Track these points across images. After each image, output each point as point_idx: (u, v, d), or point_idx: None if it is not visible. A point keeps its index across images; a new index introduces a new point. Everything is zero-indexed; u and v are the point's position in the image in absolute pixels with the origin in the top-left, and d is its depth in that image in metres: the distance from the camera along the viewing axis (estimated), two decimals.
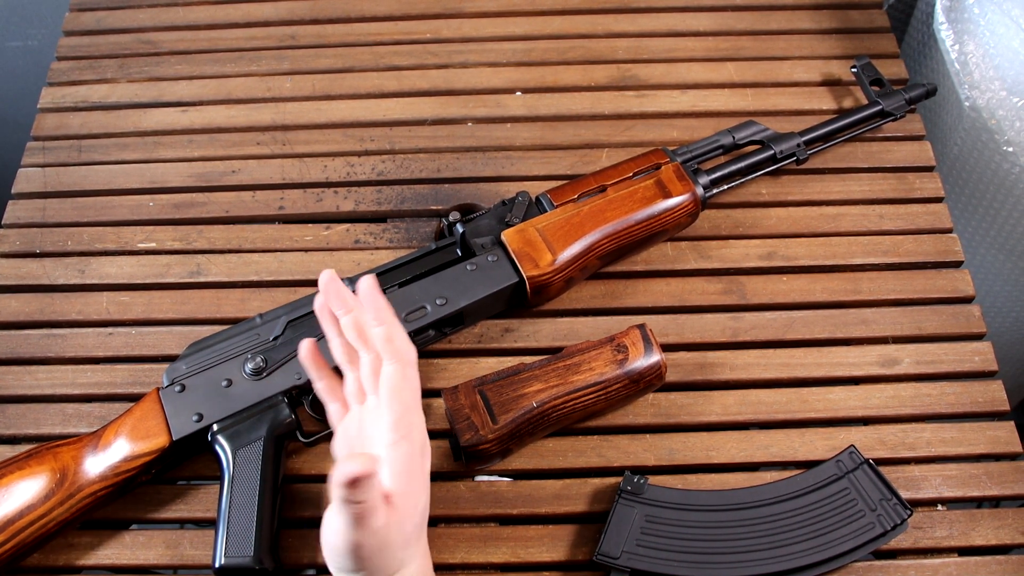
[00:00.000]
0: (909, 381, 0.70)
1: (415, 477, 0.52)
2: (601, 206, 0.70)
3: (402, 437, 0.51)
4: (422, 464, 0.53)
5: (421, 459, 0.53)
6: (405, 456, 0.51)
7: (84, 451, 0.62)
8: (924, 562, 0.62)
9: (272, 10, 0.93)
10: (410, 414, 0.52)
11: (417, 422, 0.53)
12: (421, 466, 0.53)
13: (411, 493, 0.51)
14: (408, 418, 0.52)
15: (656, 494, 0.63)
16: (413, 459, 0.51)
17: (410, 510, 0.51)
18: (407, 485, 0.51)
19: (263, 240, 0.78)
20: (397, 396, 0.52)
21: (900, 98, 0.79)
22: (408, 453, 0.51)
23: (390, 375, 0.52)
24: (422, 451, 0.53)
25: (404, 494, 0.50)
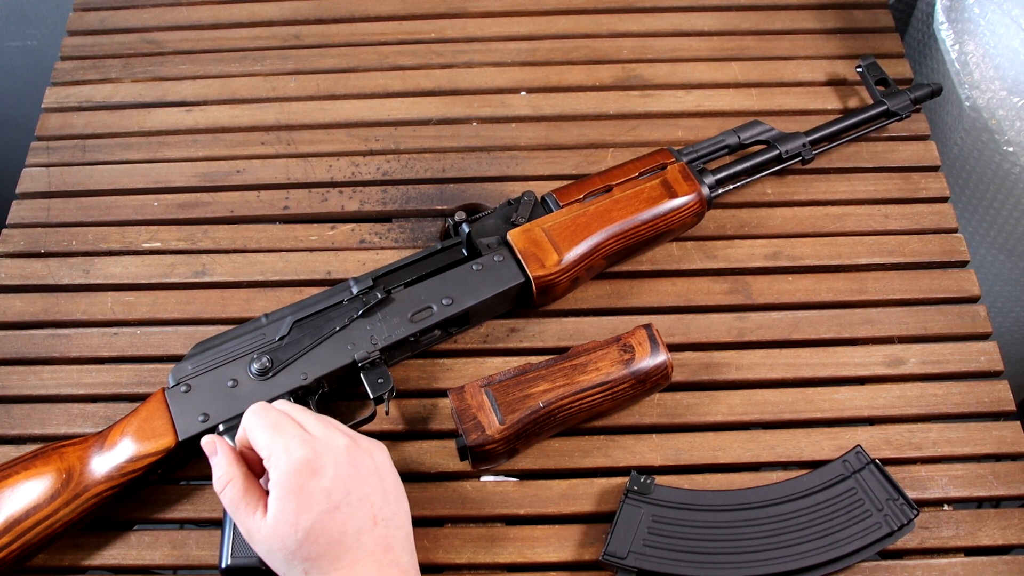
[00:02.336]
0: (915, 381, 0.70)
1: (300, 494, 0.52)
2: (607, 206, 0.70)
3: (273, 455, 0.53)
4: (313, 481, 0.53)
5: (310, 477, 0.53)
6: (282, 469, 0.53)
7: (90, 451, 0.61)
8: (931, 562, 0.62)
9: (276, 10, 0.93)
10: (277, 434, 0.54)
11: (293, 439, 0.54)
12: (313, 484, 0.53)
13: (288, 511, 0.52)
14: (274, 439, 0.54)
15: (663, 494, 0.63)
16: (295, 474, 0.53)
17: (285, 528, 0.52)
18: (283, 501, 0.52)
19: (268, 240, 0.78)
20: (250, 428, 0.55)
21: (905, 98, 0.79)
22: (286, 466, 0.53)
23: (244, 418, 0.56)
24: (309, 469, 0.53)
25: (279, 509, 0.52)
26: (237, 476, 0.55)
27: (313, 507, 0.52)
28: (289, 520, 0.52)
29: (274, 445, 0.54)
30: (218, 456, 0.57)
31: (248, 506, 0.54)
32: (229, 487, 0.55)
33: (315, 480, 0.52)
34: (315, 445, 0.54)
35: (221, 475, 0.56)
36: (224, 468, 0.56)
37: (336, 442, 0.55)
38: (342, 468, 0.53)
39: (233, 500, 0.55)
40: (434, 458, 0.67)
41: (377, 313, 0.66)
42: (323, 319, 0.66)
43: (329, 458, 0.53)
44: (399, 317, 0.66)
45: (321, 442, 0.54)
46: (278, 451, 0.53)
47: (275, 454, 0.53)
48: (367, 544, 0.53)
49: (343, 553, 0.52)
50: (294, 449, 0.53)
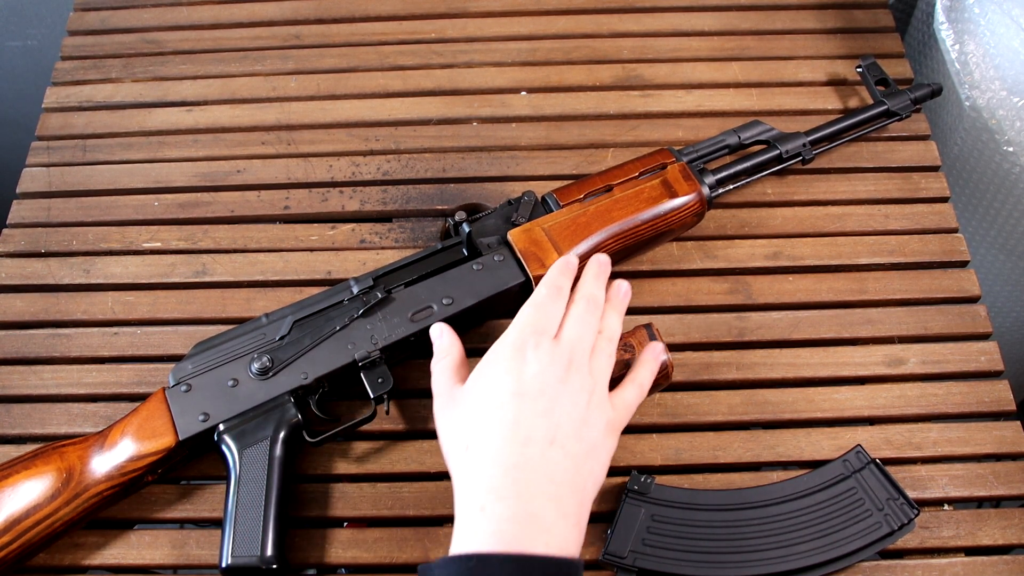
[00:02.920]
0: (915, 381, 0.70)
1: (493, 366, 0.54)
2: (607, 206, 0.70)
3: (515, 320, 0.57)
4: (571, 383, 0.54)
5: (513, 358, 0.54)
6: (501, 339, 0.56)
7: (90, 451, 0.61)
8: (931, 562, 0.62)
9: (276, 10, 0.93)
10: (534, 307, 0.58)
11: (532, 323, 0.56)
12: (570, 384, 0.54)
13: (477, 377, 0.54)
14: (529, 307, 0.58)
15: (663, 494, 0.63)
16: (505, 346, 0.55)
17: (466, 396, 0.54)
18: (479, 367, 0.54)
19: (268, 240, 0.78)
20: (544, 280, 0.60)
21: (905, 98, 0.79)
22: (503, 338, 0.56)
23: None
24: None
25: (473, 375, 0.55)
26: (454, 352, 0.58)
27: (501, 379, 0.52)
28: (478, 385, 0.53)
29: (523, 312, 0.56)
30: (440, 339, 0.60)
31: (453, 376, 0.56)
32: (445, 360, 0.57)
33: (519, 361, 0.53)
34: (540, 340, 0.54)
35: (439, 352, 0.58)
36: (444, 346, 0.59)
37: (570, 353, 0.54)
38: (549, 372, 0.53)
39: (442, 370, 0.57)
40: (434, 458, 0.67)
41: (377, 313, 0.66)
42: (323, 319, 0.66)
43: (544, 356, 0.54)
44: (399, 317, 0.66)
45: (550, 343, 0.54)
46: (519, 319, 0.56)
47: (518, 321, 0.56)
48: (532, 455, 0.50)
49: (504, 447, 0.50)
50: (521, 329, 0.55)
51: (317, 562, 0.64)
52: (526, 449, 0.50)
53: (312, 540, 0.64)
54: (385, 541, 0.64)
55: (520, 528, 0.48)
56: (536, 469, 0.50)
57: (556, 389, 0.53)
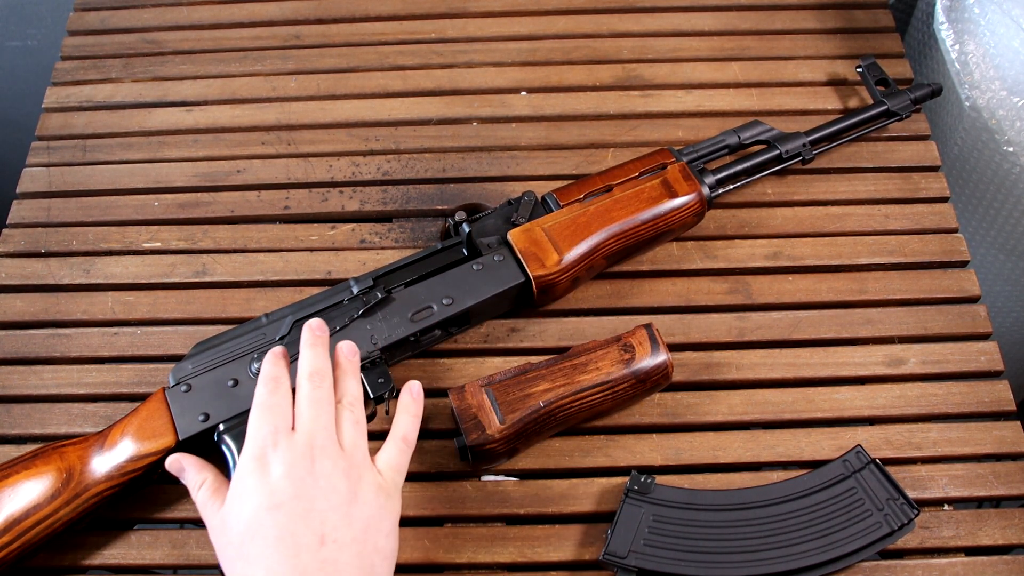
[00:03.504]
0: (915, 381, 0.70)
1: (245, 480, 0.52)
2: (607, 206, 0.70)
3: (248, 432, 0.54)
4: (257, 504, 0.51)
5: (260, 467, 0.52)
6: (243, 452, 0.53)
7: (90, 451, 0.61)
8: (931, 562, 0.62)
9: (276, 10, 0.93)
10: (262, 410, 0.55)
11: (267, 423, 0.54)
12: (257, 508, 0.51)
13: (233, 497, 0.52)
14: (257, 413, 0.55)
15: (663, 494, 0.63)
16: (249, 459, 0.53)
17: (230, 517, 0.52)
18: (232, 487, 0.52)
19: (268, 240, 0.78)
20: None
21: (905, 98, 0.79)
22: (245, 450, 0.53)
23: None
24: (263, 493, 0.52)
25: (228, 496, 0.52)
26: (208, 477, 0.56)
27: (252, 498, 0.51)
28: (233, 509, 0.51)
29: (251, 420, 0.54)
30: (185, 469, 0.57)
31: (215, 503, 0.54)
32: (203, 488, 0.55)
33: (262, 474, 0.51)
34: (276, 441, 0.52)
35: (192, 482, 0.56)
36: (194, 474, 0.56)
37: (303, 443, 0.52)
38: (296, 471, 0.51)
39: (203, 500, 0.54)
40: (434, 458, 0.67)
41: (377, 313, 0.66)
42: (323, 319, 0.66)
43: (284, 456, 0.52)
44: (399, 317, 0.66)
45: (289, 438, 0.53)
46: (250, 431, 0.54)
47: (248, 433, 0.54)
48: (307, 563, 0.48)
49: (277, 565, 0.48)
50: (254, 442, 0.53)
51: None
52: (299, 559, 0.49)
53: None
54: None
55: None
56: (314, 573, 0.48)
57: (308, 484, 0.51)
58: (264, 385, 0.56)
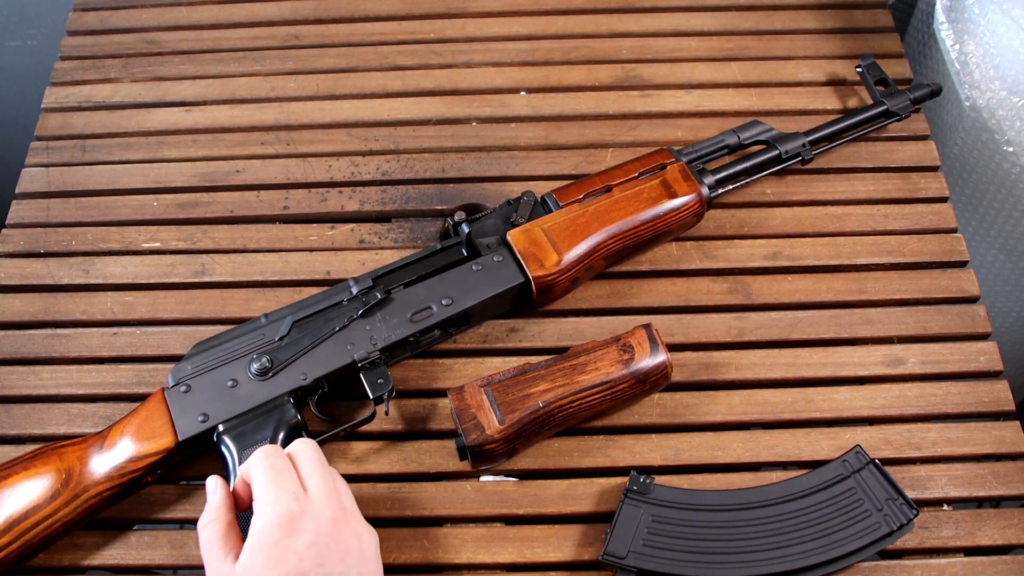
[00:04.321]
0: (914, 381, 0.70)
1: (272, 549, 0.51)
2: (607, 206, 0.70)
3: (262, 501, 0.53)
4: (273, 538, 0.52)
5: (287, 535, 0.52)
6: (264, 518, 0.52)
7: (89, 451, 0.61)
8: (930, 562, 0.62)
9: (276, 10, 0.93)
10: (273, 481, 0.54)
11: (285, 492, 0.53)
12: (273, 541, 0.52)
13: (257, 562, 0.51)
14: (269, 485, 0.54)
15: (662, 494, 0.63)
16: (275, 527, 0.52)
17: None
18: (255, 550, 0.52)
19: (268, 240, 0.78)
20: (253, 467, 0.55)
21: (905, 98, 0.79)
22: (268, 516, 0.52)
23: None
24: (279, 526, 0.52)
25: (249, 558, 0.52)
26: (221, 518, 0.55)
27: (281, 566, 0.50)
28: (255, 572, 0.51)
29: (266, 492, 0.53)
30: (214, 495, 0.57)
31: (222, 549, 0.53)
32: (211, 526, 0.55)
33: (291, 539, 0.51)
34: (304, 505, 0.53)
35: (208, 512, 0.56)
36: (214, 507, 0.56)
37: (327, 510, 0.53)
38: (323, 537, 0.52)
39: (209, 539, 0.54)
40: (433, 458, 0.67)
41: (377, 313, 0.66)
42: (323, 319, 0.66)
43: (312, 523, 0.52)
44: (399, 317, 0.66)
45: (312, 505, 0.53)
46: (268, 499, 0.53)
47: (264, 501, 0.53)
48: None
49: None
50: (282, 502, 0.52)
51: None
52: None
53: None
54: (385, 541, 0.64)
55: None
56: None
57: (332, 552, 0.52)
58: (264, 453, 0.56)
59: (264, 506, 0.53)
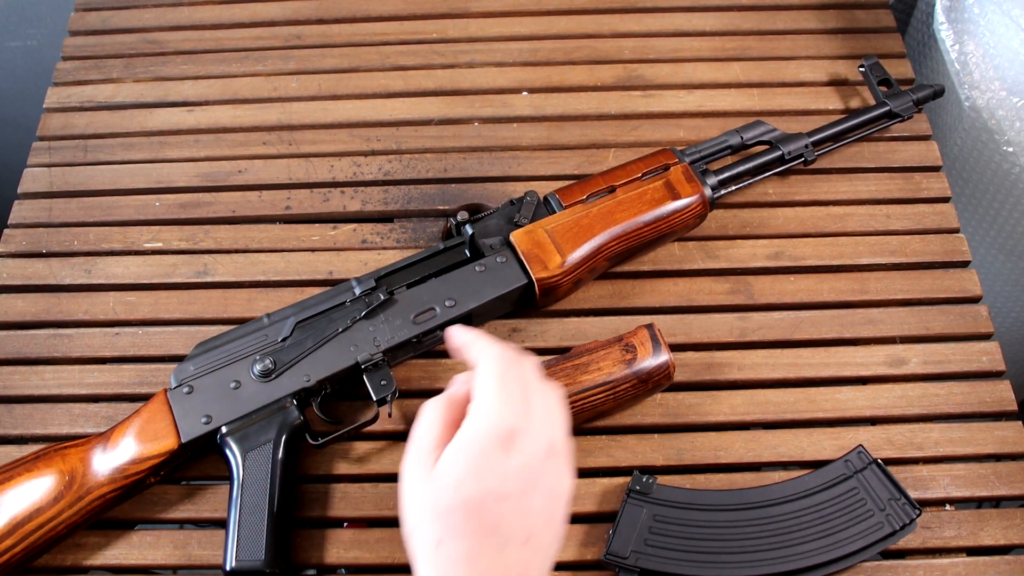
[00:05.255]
0: (917, 381, 0.70)
1: (481, 458, 0.47)
2: (610, 207, 0.70)
3: (482, 406, 0.49)
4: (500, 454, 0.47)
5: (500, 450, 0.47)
6: (480, 425, 0.48)
7: (92, 453, 0.61)
8: (933, 562, 0.62)
9: (278, 10, 0.93)
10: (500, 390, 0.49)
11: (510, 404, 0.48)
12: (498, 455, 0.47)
13: (459, 466, 0.47)
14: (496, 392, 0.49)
15: (665, 494, 0.63)
16: (490, 437, 0.47)
17: (447, 482, 0.47)
18: (460, 454, 0.47)
19: (270, 240, 0.78)
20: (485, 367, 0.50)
21: (908, 99, 0.79)
22: (485, 425, 0.48)
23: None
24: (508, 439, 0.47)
25: (451, 460, 0.47)
26: (437, 430, 0.49)
27: (485, 480, 0.46)
28: (455, 476, 0.46)
29: (491, 398, 0.48)
30: (435, 411, 0.51)
31: (427, 463, 0.48)
32: (427, 436, 0.49)
33: (504, 455, 0.47)
34: (527, 425, 0.48)
35: (426, 422, 0.50)
36: (431, 421, 0.50)
37: (545, 439, 0.48)
38: (534, 464, 0.47)
39: (420, 449, 0.49)
40: None
41: (380, 315, 0.66)
42: (326, 320, 0.66)
43: (529, 446, 0.47)
44: (402, 319, 0.66)
45: (534, 428, 0.48)
46: (490, 406, 0.48)
47: (486, 407, 0.48)
48: (509, 558, 0.46)
49: (480, 552, 0.46)
50: (507, 415, 0.47)
51: (319, 563, 0.64)
52: (502, 553, 0.46)
53: (314, 540, 0.64)
54: (387, 541, 0.64)
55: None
56: (508, 570, 0.46)
57: (538, 482, 0.48)
58: (500, 358, 0.50)
59: (485, 412, 0.48)
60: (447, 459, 0.48)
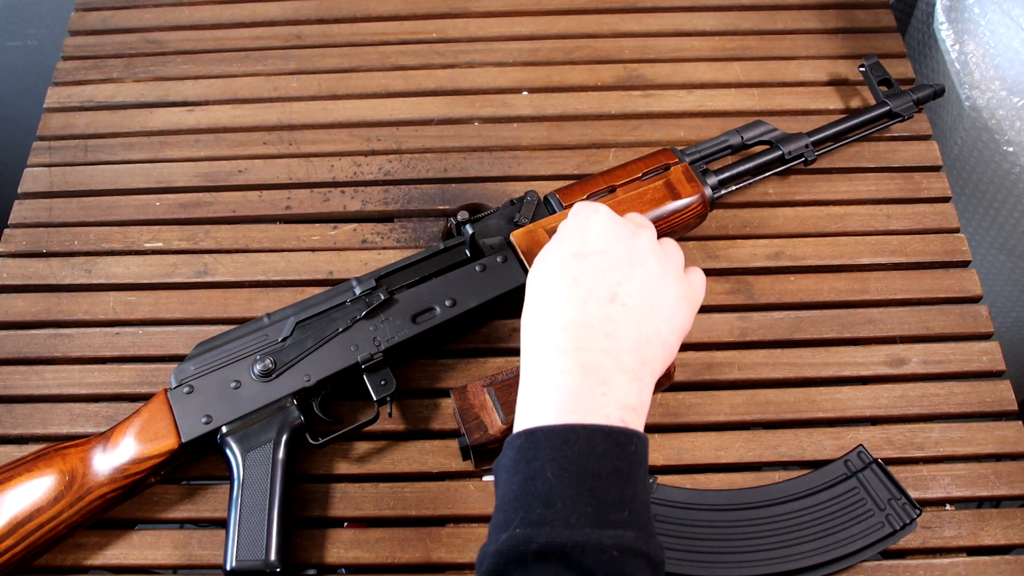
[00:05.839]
0: (917, 381, 0.70)
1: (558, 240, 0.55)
2: (611, 207, 0.70)
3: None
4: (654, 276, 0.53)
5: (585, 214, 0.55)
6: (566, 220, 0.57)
7: (92, 453, 0.61)
8: (933, 562, 0.62)
9: (278, 10, 0.93)
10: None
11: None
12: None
13: (549, 249, 0.55)
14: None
15: (665, 494, 0.63)
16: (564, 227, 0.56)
17: (547, 255, 0.55)
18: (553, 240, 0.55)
19: (270, 240, 0.78)
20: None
21: (908, 99, 0.79)
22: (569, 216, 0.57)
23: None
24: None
25: (549, 244, 0.55)
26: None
27: (568, 242, 0.53)
28: (552, 246, 0.54)
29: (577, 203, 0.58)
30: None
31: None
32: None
33: (583, 225, 0.54)
34: (609, 213, 0.55)
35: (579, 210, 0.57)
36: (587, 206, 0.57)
37: (635, 219, 0.57)
38: (614, 232, 0.54)
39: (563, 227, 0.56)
40: (436, 458, 0.67)
41: (380, 314, 0.66)
42: (326, 320, 0.66)
43: (605, 218, 0.54)
44: (402, 319, 0.66)
45: (626, 222, 0.55)
46: (576, 206, 0.57)
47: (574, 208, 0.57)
48: (592, 311, 0.50)
49: (564, 301, 0.51)
50: (593, 206, 0.56)
51: (319, 562, 0.64)
52: (586, 306, 0.50)
53: (314, 540, 0.64)
54: (387, 541, 0.64)
55: (578, 381, 0.48)
56: (594, 326, 0.50)
57: (620, 247, 0.53)
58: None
59: (575, 207, 0.57)
60: (555, 237, 0.56)
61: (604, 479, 0.45)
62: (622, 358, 0.49)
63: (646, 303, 0.52)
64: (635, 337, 0.50)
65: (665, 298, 0.53)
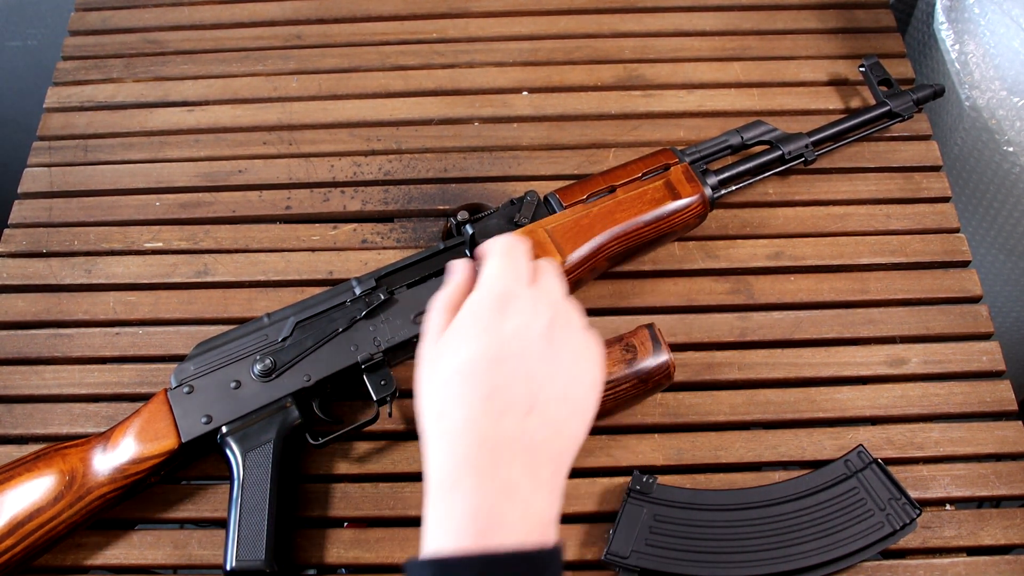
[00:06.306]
0: (917, 381, 0.70)
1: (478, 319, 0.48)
2: (610, 207, 0.70)
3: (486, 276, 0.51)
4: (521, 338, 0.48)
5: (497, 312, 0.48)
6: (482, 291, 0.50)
7: (92, 453, 0.61)
8: (933, 562, 0.62)
9: (278, 10, 0.93)
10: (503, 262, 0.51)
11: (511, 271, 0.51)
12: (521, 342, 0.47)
13: (461, 328, 0.48)
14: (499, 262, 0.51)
15: (665, 494, 0.63)
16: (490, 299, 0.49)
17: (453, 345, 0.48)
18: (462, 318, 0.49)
19: (270, 240, 0.78)
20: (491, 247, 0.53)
21: (908, 99, 0.79)
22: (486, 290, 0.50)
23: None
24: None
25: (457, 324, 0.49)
26: (458, 290, 0.52)
27: (480, 341, 0.47)
28: (454, 345, 0.47)
29: (493, 269, 0.50)
30: (457, 274, 0.53)
31: (447, 318, 0.50)
32: (444, 294, 0.52)
33: (499, 318, 0.47)
34: (520, 289, 0.49)
35: (446, 286, 0.53)
36: (455, 282, 0.53)
37: (547, 303, 0.49)
38: (531, 326, 0.48)
39: (441, 307, 0.51)
40: None
41: (380, 315, 0.66)
42: (326, 320, 0.66)
43: (525, 308, 0.48)
44: (402, 319, 0.66)
45: (532, 293, 0.49)
46: (492, 275, 0.50)
47: (488, 277, 0.50)
48: (508, 427, 0.45)
49: (479, 418, 0.45)
50: (505, 280, 0.49)
51: (319, 562, 0.64)
52: (501, 422, 0.45)
53: (314, 540, 0.64)
54: (387, 541, 0.64)
55: (493, 501, 0.44)
56: (511, 442, 0.45)
57: (540, 344, 0.48)
58: (506, 238, 0.53)
59: (483, 281, 0.50)
60: (448, 331, 0.49)
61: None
62: (539, 472, 0.46)
63: (564, 406, 0.48)
64: (552, 447, 0.47)
65: (581, 391, 0.49)
